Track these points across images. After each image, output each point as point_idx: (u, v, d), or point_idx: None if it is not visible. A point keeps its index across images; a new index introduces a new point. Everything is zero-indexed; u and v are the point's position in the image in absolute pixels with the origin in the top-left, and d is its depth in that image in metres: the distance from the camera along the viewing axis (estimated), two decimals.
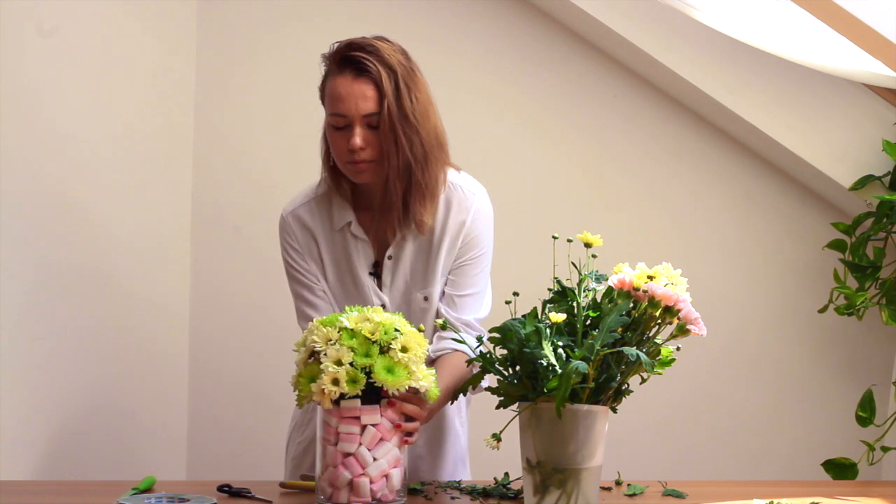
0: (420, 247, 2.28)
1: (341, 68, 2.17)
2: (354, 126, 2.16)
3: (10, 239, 2.51)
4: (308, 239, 2.30)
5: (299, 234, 2.30)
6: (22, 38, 2.56)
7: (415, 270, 2.29)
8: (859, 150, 3.03)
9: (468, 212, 2.29)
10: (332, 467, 1.89)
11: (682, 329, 1.84)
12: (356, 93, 2.15)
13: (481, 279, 2.33)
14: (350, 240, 2.29)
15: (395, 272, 2.28)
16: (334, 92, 2.17)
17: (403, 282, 2.29)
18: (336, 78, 2.17)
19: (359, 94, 2.16)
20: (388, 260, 2.28)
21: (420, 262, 2.28)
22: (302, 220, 2.31)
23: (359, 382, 1.86)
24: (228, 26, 3.30)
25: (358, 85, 2.16)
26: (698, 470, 3.20)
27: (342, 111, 2.16)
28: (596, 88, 3.27)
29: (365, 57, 2.16)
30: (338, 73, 2.18)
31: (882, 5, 2.93)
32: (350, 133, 2.16)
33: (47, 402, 2.71)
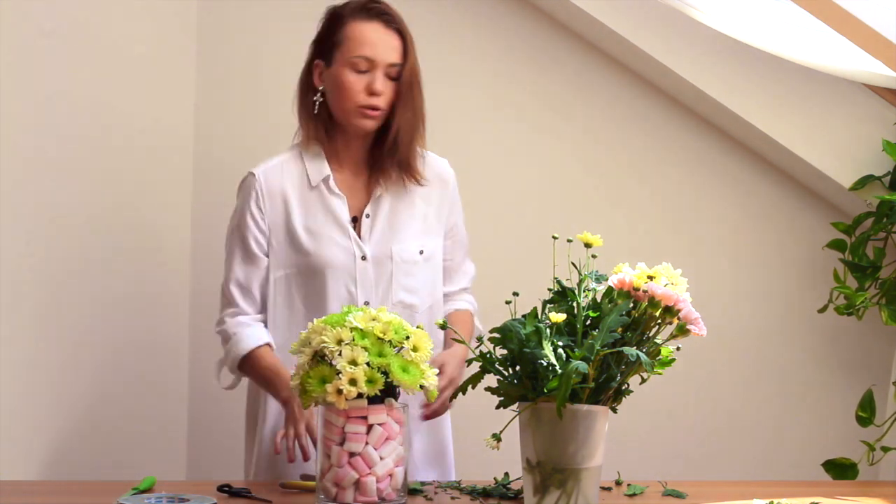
0: (398, 203, 2.37)
1: (369, 16, 2.30)
2: (377, 71, 2.28)
3: (10, 238, 2.51)
4: (278, 195, 2.34)
5: (270, 190, 2.35)
6: (22, 38, 2.56)
7: (395, 225, 2.36)
8: (859, 150, 3.03)
9: (447, 178, 2.45)
10: (337, 467, 1.89)
11: (682, 329, 1.84)
12: (387, 41, 2.29)
13: (466, 242, 2.51)
14: (327, 195, 2.35)
15: (374, 227, 2.35)
16: (363, 35, 2.28)
17: (382, 236, 2.35)
18: (365, 23, 2.29)
19: (388, 44, 2.29)
20: (367, 217, 2.35)
21: (399, 218, 2.36)
22: (275, 175, 2.36)
23: (376, 382, 1.86)
24: (228, 26, 3.30)
25: (388, 35, 2.30)
26: (698, 470, 3.20)
27: (371, 55, 2.27)
28: (596, 88, 3.27)
29: (390, 11, 2.33)
30: (366, 19, 2.30)
31: (882, 5, 2.93)
32: (371, 77, 2.28)
33: (47, 403, 2.71)
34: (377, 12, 2.30)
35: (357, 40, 2.28)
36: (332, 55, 2.32)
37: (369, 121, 2.30)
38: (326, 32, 2.34)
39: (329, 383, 1.86)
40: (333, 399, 1.85)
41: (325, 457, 1.91)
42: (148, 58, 3.11)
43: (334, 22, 2.33)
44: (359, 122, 2.30)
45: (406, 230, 2.37)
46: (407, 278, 2.36)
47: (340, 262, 2.32)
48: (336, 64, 2.30)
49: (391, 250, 2.34)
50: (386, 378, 1.87)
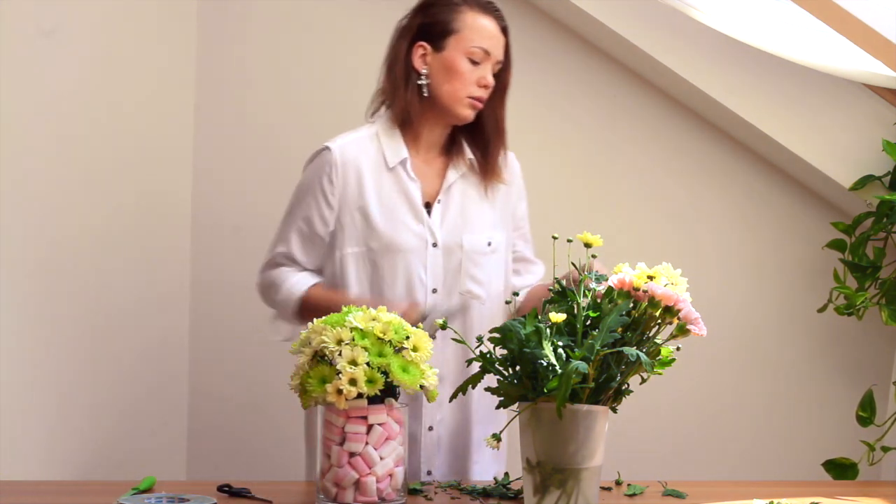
0: (470, 193, 2.41)
1: (486, 11, 2.38)
2: (488, 65, 2.35)
3: (10, 238, 2.51)
4: (352, 175, 2.34)
5: (342, 169, 2.35)
6: (22, 38, 2.56)
7: (467, 214, 2.39)
8: (859, 150, 3.03)
9: (515, 170, 2.52)
10: (337, 467, 1.89)
11: (682, 329, 1.84)
12: (498, 38, 2.38)
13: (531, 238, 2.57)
14: (404, 178, 2.36)
15: (445, 215, 2.37)
16: (485, 29, 2.35)
17: (454, 224, 2.37)
18: (484, 17, 2.36)
19: (500, 41, 2.38)
20: (438, 203, 2.38)
21: (471, 208, 2.40)
22: (352, 154, 2.36)
23: (377, 382, 1.86)
24: (228, 26, 3.30)
25: (499, 33, 2.38)
26: (698, 470, 3.19)
27: (489, 48, 2.35)
28: (596, 88, 3.27)
29: (500, 13, 2.40)
30: (484, 13, 2.37)
31: (882, 5, 2.93)
32: (484, 70, 2.35)
33: (47, 402, 2.71)
34: (493, 9, 2.38)
35: (478, 32, 2.34)
36: (443, 41, 2.35)
37: (472, 111, 2.36)
38: (437, 17, 2.36)
39: (329, 383, 1.86)
40: (333, 399, 1.85)
41: (325, 457, 1.91)
42: (148, 58, 3.11)
43: (448, 9, 2.36)
44: (462, 111, 2.35)
45: (476, 221, 2.39)
46: (475, 268, 2.38)
47: (412, 247, 2.33)
48: (450, 50, 2.34)
49: (462, 239, 2.37)
50: (386, 378, 1.87)
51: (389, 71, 2.39)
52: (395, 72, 2.38)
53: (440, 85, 2.34)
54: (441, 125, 2.39)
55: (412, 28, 2.38)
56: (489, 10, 2.37)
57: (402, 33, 2.40)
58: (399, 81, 2.37)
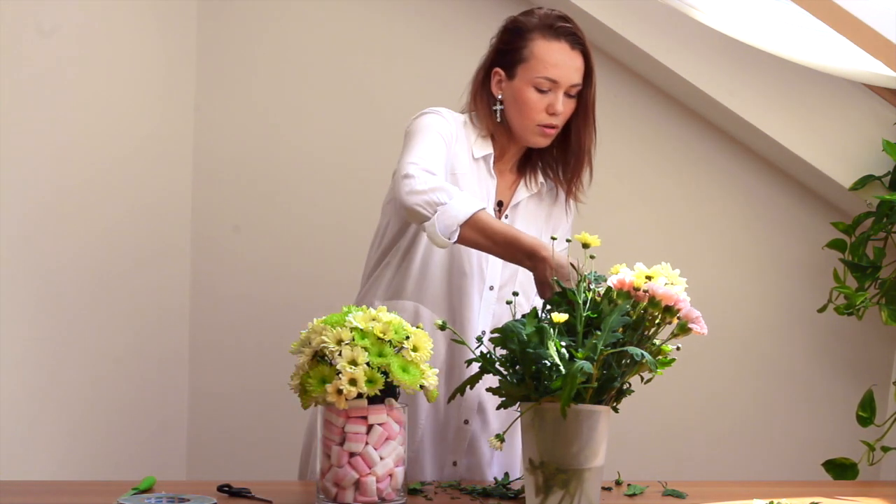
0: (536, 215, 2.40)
1: (556, 36, 2.31)
2: (559, 92, 2.30)
3: (10, 238, 2.51)
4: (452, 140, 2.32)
5: (451, 129, 2.33)
6: (22, 38, 2.56)
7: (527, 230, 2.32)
8: (859, 150, 3.03)
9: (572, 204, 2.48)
10: (337, 467, 1.89)
11: (683, 328, 1.84)
12: (571, 63, 2.31)
13: None
14: (485, 173, 2.37)
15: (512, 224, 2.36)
16: (549, 57, 2.29)
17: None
18: (552, 43, 2.30)
19: (573, 65, 2.31)
20: (505, 219, 2.37)
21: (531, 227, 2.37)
22: (456, 125, 2.35)
23: (377, 382, 1.86)
24: (228, 26, 3.30)
25: (574, 56, 2.31)
26: (698, 470, 3.19)
27: (556, 77, 2.29)
28: (596, 88, 3.26)
29: (577, 31, 2.33)
30: (554, 38, 2.30)
31: (882, 5, 2.93)
32: (553, 97, 2.30)
33: (47, 403, 2.71)
34: (564, 32, 2.31)
35: (543, 61, 2.29)
36: (514, 69, 2.32)
37: (545, 139, 2.33)
38: (510, 44, 2.34)
39: (329, 383, 1.86)
40: (333, 399, 1.85)
41: (325, 457, 1.91)
42: (148, 58, 3.11)
43: (520, 36, 2.33)
44: (534, 140, 2.33)
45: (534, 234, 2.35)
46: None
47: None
48: (518, 79, 2.31)
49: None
50: (386, 378, 1.87)
51: (473, 91, 2.40)
52: (476, 94, 2.39)
53: (511, 113, 2.33)
54: (518, 147, 2.38)
55: (492, 52, 2.38)
56: (560, 32, 2.31)
57: (487, 54, 2.40)
58: (479, 104, 2.38)
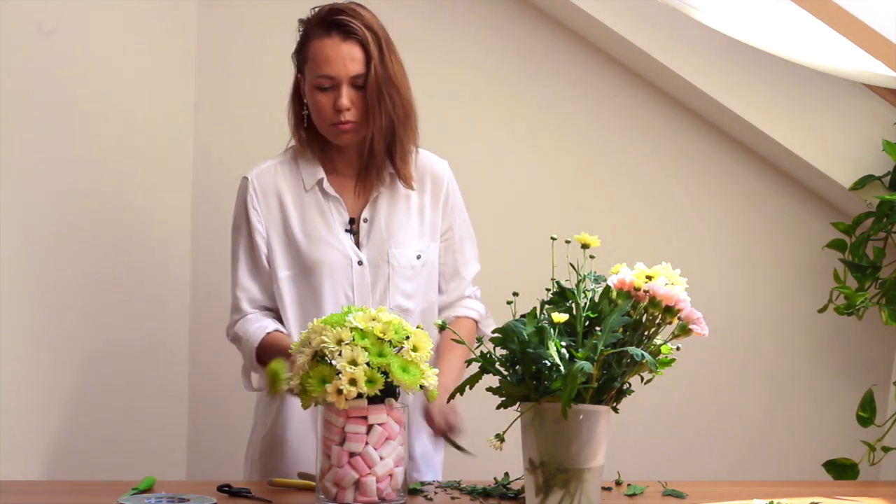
0: (396, 206, 2.34)
1: (328, 31, 2.25)
2: (341, 87, 2.24)
3: (10, 238, 2.51)
4: (271, 198, 2.33)
5: (261, 194, 2.33)
6: (22, 38, 2.56)
7: (392, 228, 2.33)
8: (859, 150, 3.03)
9: (443, 177, 2.40)
10: (337, 467, 1.89)
11: (683, 329, 1.84)
12: (344, 55, 2.24)
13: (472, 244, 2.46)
14: (322, 199, 2.33)
15: (372, 230, 2.33)
16: (321, 54, 2.24)
17: (380, 239, 2.33)
18: (323, 40, 2.25)
19: (347, 56, 2.24)
20: (364, 222, 2.33)
21: (400, 222, 2.34)
22: (270, 178, 2.35)
23: (377, 382, 1.86)
24: (228, 26, 3.29)
25: (346, 46, 2.24)
26: (698, 470, 3.19)
27: (330, 73, 2.24)
28: (596, 88, 3.26)
29: (350, 20, 2.25)
30: (324, 35, 2.25)
31: (882, 5, 2.93)
32: (336, 94, 2.24)
33: (47, 402, 2.71)
34: (336, 24, 2.25)
35: (316, 59, 2.25)
36: (303, 71, 2.31)
37: (345, 135, 2.27)
38: (299, 47, 2.32)
39: (329, 383, 1.86)
40: (333, 399, 1.85)
41: (325, 457, 1.91)
42: (148, 58, 3.11)
43: (303, 37, 2.31)
44: (335, 139, 2.29)
45: (403, 234, 2.34)
46: (405, 283, 2.34)
47: (337, 267, 2.31)
48: (307, 81, 2.29)
49: (388, 254, 2.33)
50: (386, 378, 1.87)
51: (290, 100, 2.37)
52: (291, 102, 2.36)
53: (311, 115, 2.30)
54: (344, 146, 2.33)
55: (293, 57, 2.35)
56: (331, 26, 2.25)
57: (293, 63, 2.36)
58: (291, 111, 2.36)
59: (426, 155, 2.40)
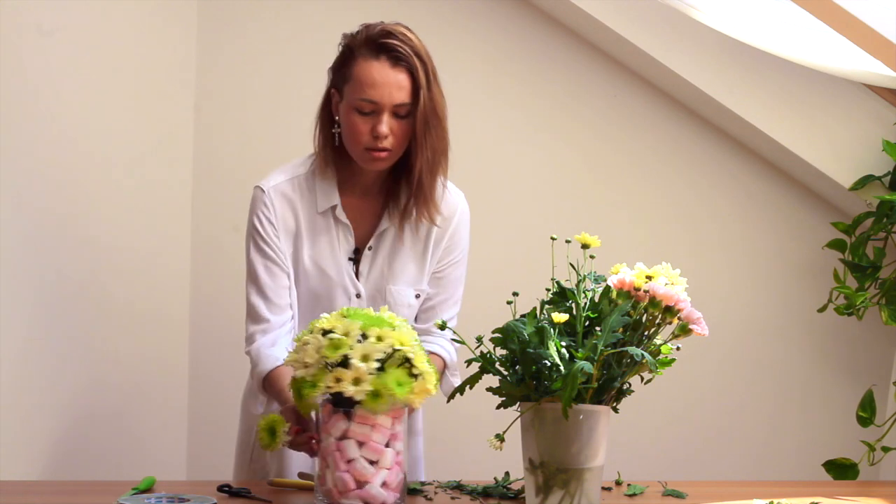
0: (401, 241, 2.29)
1: (376, 53, 2.16)
2: (382, 114, 2.16)
3: (10, 238, 2.51)
4: (289, 216, 2.27)
5: (279, 209, 2.26)
6: (22, 38, 2.56)
7: (395, 263, 2.29)
8: (859, 150, 3.03)
9: (455, 213, 2.33)
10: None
11: (683, 329, 1.84)
12: (392, 81, 2.16)
13: (459, 284, 2.36)
14: (332, 224, 2.28)
15: (374, 263, 2.29)
16: (368, 77, 2.15)
17: (380, 273, 2.29)
18: (371, 62, 2.16)
19: (394, 83, 2.16)
20: (369, 251, 2.29)
21: (404, 256, 2.29)
22: (285, 194, 2.27)
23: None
24: (228, 26, 3.29)
25: (395, 73, 2.16)
26: (698, 470, 3.20)
27: (375, 97, 2.15)
28: (596, 88, 3.27)
29: (401, 45, 2.17)
30: (372, 57, 2.17)
31: (882, 5, 2.93)
32: (377, 119, 2.16)
33: (47, 402, 2.71)
34: (386, 48, 2.16)
35: (361, 82, 2.16)
36: (342, 90, 2.21)
37: (378, 162, 2.19)
38: (339, 63, 2.23)
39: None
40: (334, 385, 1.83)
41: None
42: (148, 58, 3.11)
43: (346, 54, 2.21)
44: (367, 165, 2.21)
45: (403, 272, 2.29)
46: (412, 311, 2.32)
47: (335, 299, 2.27)
48: (345, 101, 2.19)
49: (386, 290, 2.29)
50: None
51: (318, 116, 2.28)
52: (320, 119, 2.27)
53: (344, 137, 2.21)
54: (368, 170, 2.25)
55: (329, 73, 2.26)
56: (380, 49, 2.17)
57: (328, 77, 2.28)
58: (319, 126, 2.27)
59: (447, 192, 2.31)
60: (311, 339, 1.86)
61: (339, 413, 1.86)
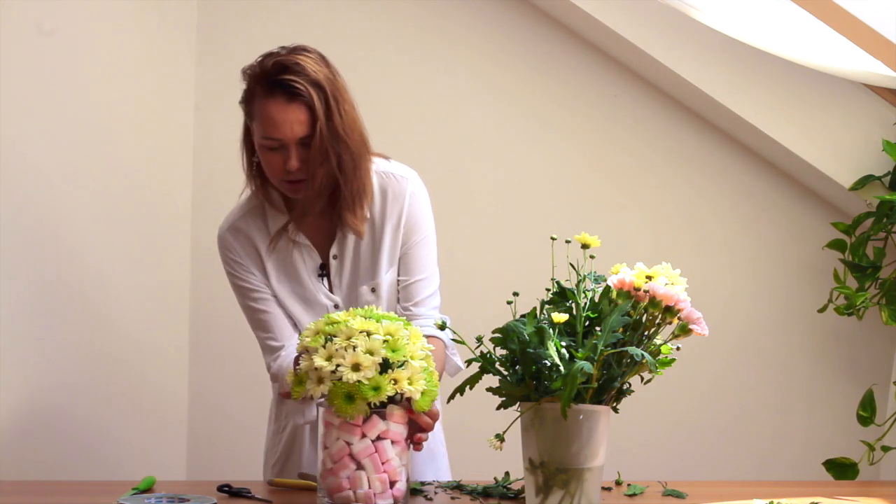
0: (362, 243, 2.28)
1: (272, 91, 2.15)
2: (290, 148, 2.15)
3: (10, 237, 2.51)
4: (250, 249, 2.28)
5: (239, 248, 2.28)
6: (22, 38, 2.56)
7: (362, 264, 2.29)
8: (859, 150, 3.03)
9: (404, 197, 2.28)
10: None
11: (683, 329, 1.84)
12: (290, 118, 2.13)
13: (428, 263, 2.33)
14: (292, 246, 2.28)
15: (342, 270, 2.29)
16: (267, 116, 2.15)
17: (352, 278, 2.29)
18: (267, 102, 2.15)
19: (293, 120, 2.13)
20: (334, 259, 2.29)
21: (366, 255, 2.29)
22: (241, 231, 2.29)
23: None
24: (228, 26, 3.29)
25: (291, 110, 2.14)
26: (698, 470, 3.20)
27: (277, 136, 2.14)
28: (596, 88, 3.27)
29: (294, 80, 2.13)
30: (268, 96, 2.15)
31: (882, 5, 2.93)
32: (285, 154, 2.15)
33: (47, 402, 2.71)
34: (279, 84, 2.14)
35: (264, 120, 2.15)
36: (252, 126, 2.22)
37: (298, 192, 2.19)
38: (245, 99, 2.23)
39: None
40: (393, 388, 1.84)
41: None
42: (148, 58, 3.11)
43: (249, 91, 2.22)
44: (290, 195, 2.22)
45: (374, 268, 2.29)
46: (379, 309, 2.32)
47: (317, 310, 2.28)
48: (256, 136, 2.20)
49: (359, 291, 2.29)
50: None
51: (241, 146, 2.27)
52: (243, 147, 2.27)
53: (264, 169, 2.21)
54: None
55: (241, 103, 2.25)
56: (274, 86, 2.14)
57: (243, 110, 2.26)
58: (242, 155, 2.27)
59: (387, 175, 2.30)
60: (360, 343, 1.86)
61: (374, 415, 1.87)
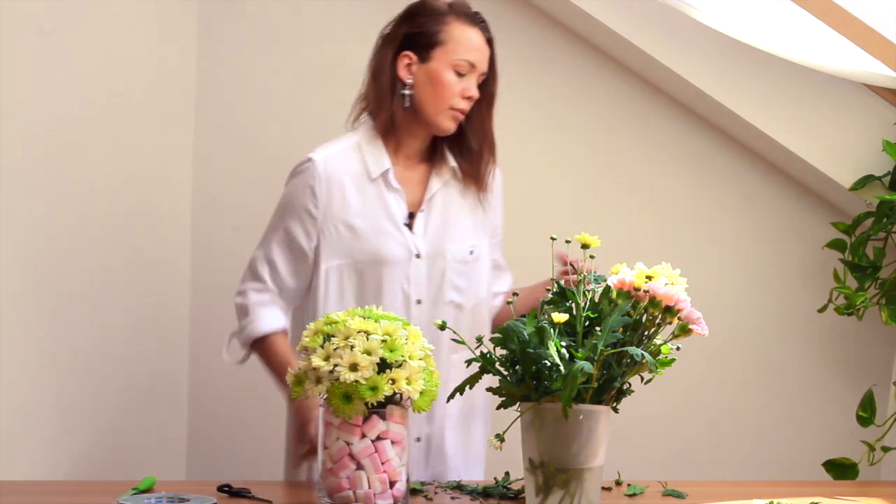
0: (451, 201, 2.39)
1: (473, 22, 2.36)
2: (473, 77, 2.33)
3: (9, 237, 2.51)
4: (335, 187, 2.33)
5: (325, 182, 2.33)
6: (22, 38, 2.56)
7: (448, 223, 2.37)
8: (859, 150, 3.03)
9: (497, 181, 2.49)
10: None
11: (683, 329, 1.84)
12: (484, 50, 2.35)
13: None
14: (384, 191, 2.34)
15: (428, 224, 2.36)
16: (471, 41, 2.33)
17: (437, 234, 2.36)
18: (471, 28, 2.34)
19: (485, 53, 2.35)
20: (422, 213, 2.36)
21: (453, 215, 2.38)
22: (336, 165, 2.34)
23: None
24: (228, 26, 3.30)
25: (485, 44, 2.36)
26: (698, 470, 3.20)
27: (475, 60, 2.33)
28: (596, 88, 3.27)
29: (487, 24, 2.38)
30: (471, 25, 2.35)
31: (882, 5, 2.93)
32: (468, 82, 2.32)
33: (47, 402, 2.71)
34: (479, 20, 2.36)
35: (464, 44, 2.32)
36: (429, 52, 2.33)
37: (454, 123, 2.33)
38: (423, 27, 2.34)
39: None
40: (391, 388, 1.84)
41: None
42: (148, 57, 3.11)
43: (434, 20, 2.34)
44: (445, 123, 2.33)
45: (458, 228, 2.38)
46: (458, 278, 2.37)
47: (396, 259, 2.32)
48: (435, 62, 2.32)
49: (444, 248, 2.36)
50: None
51: (374, 79, 2.37)
52: (380, 81, 2.35)
53: (424, 96, 2.32)
54: (423, 135, 2.37)
55: (398, 37, 2.36)
56: (476, 21, 2.35)
57: (386, 41, 2.37)
58: (384, 91, 2.35)
59: None
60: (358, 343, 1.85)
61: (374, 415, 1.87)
